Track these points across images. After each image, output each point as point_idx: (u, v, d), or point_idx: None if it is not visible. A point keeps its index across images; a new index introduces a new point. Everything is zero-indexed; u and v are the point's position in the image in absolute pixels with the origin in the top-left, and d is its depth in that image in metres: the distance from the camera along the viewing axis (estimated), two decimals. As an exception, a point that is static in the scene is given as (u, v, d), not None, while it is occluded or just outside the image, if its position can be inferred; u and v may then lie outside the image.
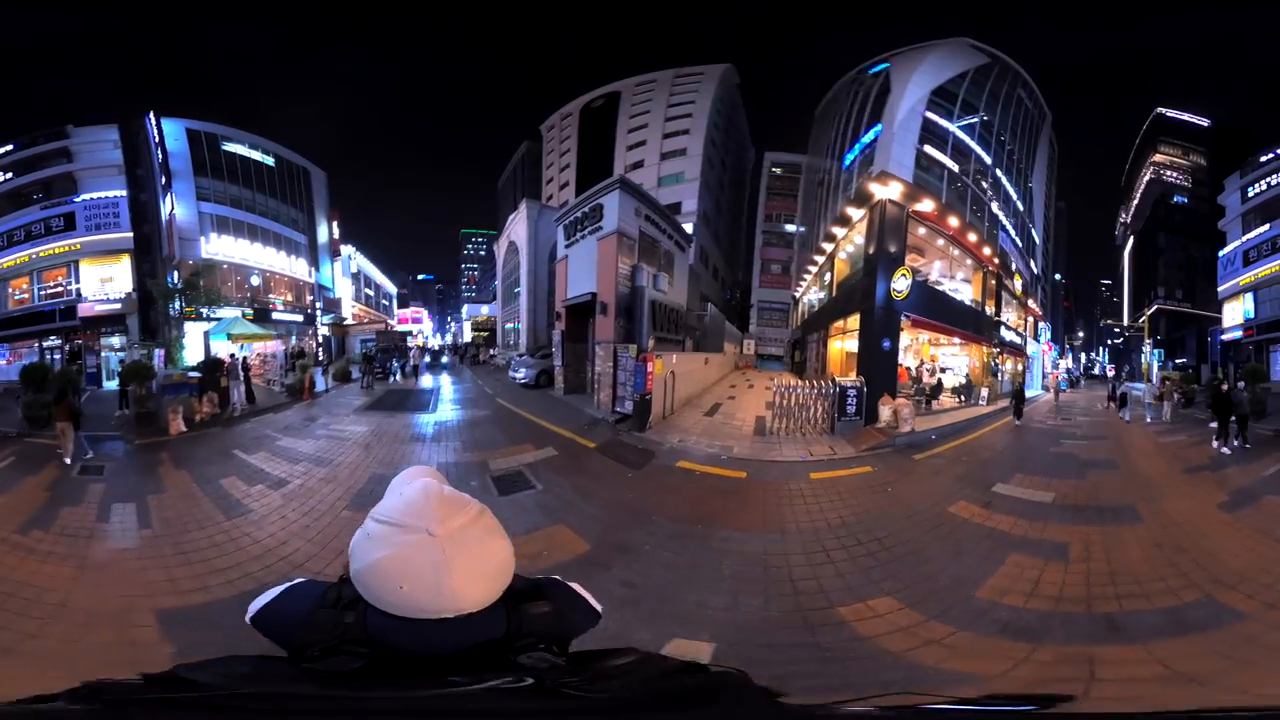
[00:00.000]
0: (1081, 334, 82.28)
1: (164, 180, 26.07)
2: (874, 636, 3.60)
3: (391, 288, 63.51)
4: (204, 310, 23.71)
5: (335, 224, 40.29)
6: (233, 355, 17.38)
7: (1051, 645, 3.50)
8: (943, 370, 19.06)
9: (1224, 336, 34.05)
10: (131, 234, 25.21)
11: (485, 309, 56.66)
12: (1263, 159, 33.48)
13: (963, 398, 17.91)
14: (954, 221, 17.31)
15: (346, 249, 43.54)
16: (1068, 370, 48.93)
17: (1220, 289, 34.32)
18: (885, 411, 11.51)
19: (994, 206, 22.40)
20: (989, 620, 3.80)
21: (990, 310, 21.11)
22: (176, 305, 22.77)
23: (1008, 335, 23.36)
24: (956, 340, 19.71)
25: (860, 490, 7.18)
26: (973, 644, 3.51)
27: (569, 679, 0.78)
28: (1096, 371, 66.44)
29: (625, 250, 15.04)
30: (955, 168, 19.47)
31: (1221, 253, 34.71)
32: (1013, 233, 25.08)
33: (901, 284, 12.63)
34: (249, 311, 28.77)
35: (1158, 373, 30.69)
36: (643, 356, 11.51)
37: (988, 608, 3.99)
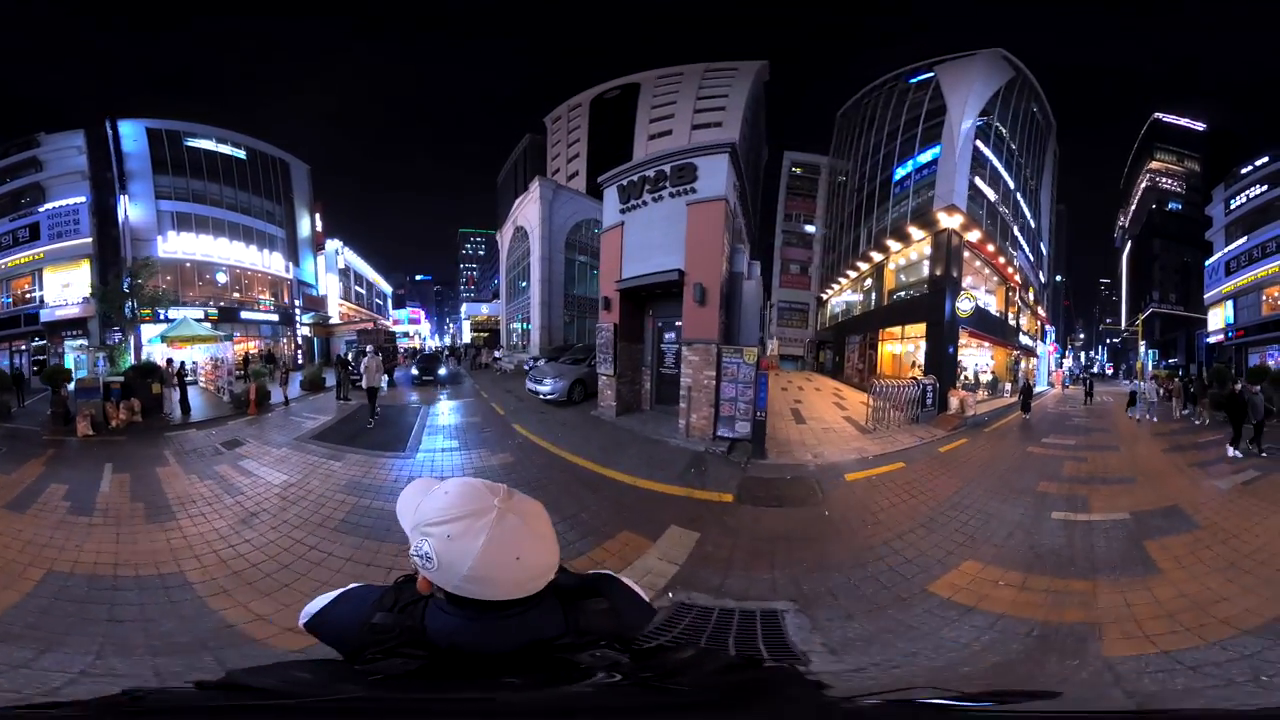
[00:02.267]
0: (1082, 334, 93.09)
1: (119, 182, 29.11)
2: (1057, 495, 8.55)
3: (386, 287, 65.13)
4: (159, 311, 25.46)
5: (318, 216, 40.82)
6: (169, 360, 18.63)
7: (1091, 487, 9.28)
8: (963, 369, 25.47)
9: (1208, 340, 40.24)
10: (91, 239, 28.29)
11: (485, 308, 59.66)
12: (1244, 170, 38.61)
13: (989, 391, 24.88)
14: (990, 247, 24.04)
15: (333, 243, 44.21)
16: (1070, 370, 57.84)
17: (1206, 296, 40.25)
18: (954, 401, 17.66)
19: (1015, 229, 29.27)
20: (1075, 480, 9.68)
21: (1012, 318, 28.21)
22: (129, 308, 24.50)
23: (1023, 339, 30.66)
24: (985, 344, 26.59)
25: (974, 450, 12.55)
26: (1078, 489, 9.12)
27: (653, 675, 0.92)
28: (1096, 370, 76.23)
29: (727, 226, 12.71)
30: (993, 197, 25.54)
31: (1207, 262, 40.63)
32: (1027, 249, 31.58)
33: (966, 305, 19.06)
34: (213, 311, 30.58)
35: (1150, 371, 36.23)
36: (763, 364, 10.87)
37: (1071, 478, 9.91)
